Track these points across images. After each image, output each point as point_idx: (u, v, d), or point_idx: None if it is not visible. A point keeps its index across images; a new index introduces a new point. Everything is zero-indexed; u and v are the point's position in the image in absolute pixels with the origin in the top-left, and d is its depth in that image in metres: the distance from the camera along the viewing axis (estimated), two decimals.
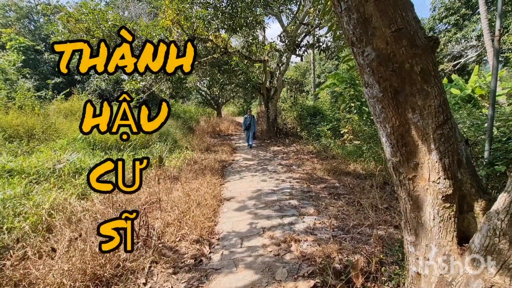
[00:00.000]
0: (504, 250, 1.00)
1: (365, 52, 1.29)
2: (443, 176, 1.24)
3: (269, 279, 2.45)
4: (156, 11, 10.92)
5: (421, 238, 1.38)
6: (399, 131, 1.34)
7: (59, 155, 5.34)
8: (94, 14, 6.39)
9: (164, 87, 13.00)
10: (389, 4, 1.19)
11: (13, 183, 3.93)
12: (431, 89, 1.23)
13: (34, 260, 2.45)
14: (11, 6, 17.29)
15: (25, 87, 9.74)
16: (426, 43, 1.23)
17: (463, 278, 1.13)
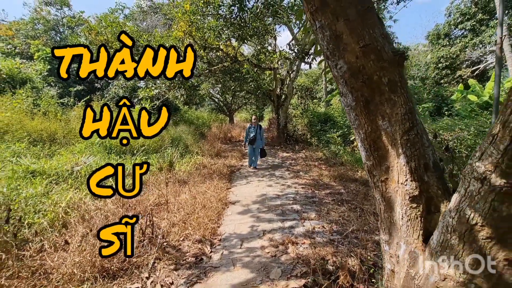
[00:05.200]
0: (455, 245, 1.09)
1: (338, 65, 1.42)
2: (410, 178, 1.34)
3: (263, 278, 2.56)
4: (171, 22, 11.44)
5: (394, 237, 1.47)
6: (371, 136, 1.45)
7: (77, 158, 5.70)
8: (112, 27, 6.85)
9: (178, 94, 13.49)
10: (357, 23, 1.32)
11: (35, 183, 4.27)
12: (397, 99, 1.34)
13: (50, 252, 2.69)
14: (39, 20, 18.62)
15: (49, 94, 10.41)
16: (393, 57, 1.34)
17: (424, 272, 1.22)
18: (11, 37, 17.82)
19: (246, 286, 2.47)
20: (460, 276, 1.06)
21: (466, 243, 1.05)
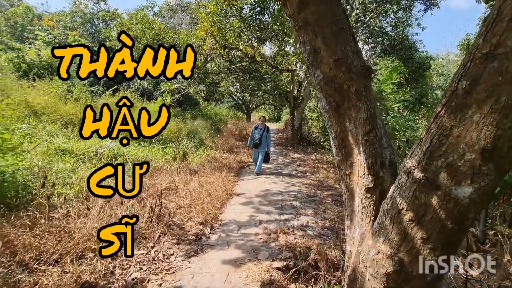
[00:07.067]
0: (388, 226, 1.33)
1: (315, 74, 1.69)
2: (367, 172, 1.58)
3: (252, 258, 2.88)
4: (196, 20, 11.97)
5: (353, 222, 1.72)
6: (340, 136, 1.71)
7: (101, 141, 6.29)
8: (141, 24, 7.42)
9: (199, 90, 14.04)
10: (332, 40, 1.59)
11: (64, 160, 4.84)
12: (361, 105, 1.59)
13: (74, 217, 3.16)
14: (78, 12, 20.00)
15: (81, 82, 11.27)
16: (360, 70, 1.59)
17: (367, 249, 1.47)
18: (52, 28, 19.30)
19: (236, 262, 2.80)
20: (388, 250, 1.31)
21: (395, 224, 1.30)
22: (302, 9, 1.60)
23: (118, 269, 2.57)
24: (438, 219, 1.18)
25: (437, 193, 1.17)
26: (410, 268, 1.27)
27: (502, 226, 3.48)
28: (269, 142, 7.04)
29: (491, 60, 1.03)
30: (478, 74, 1.06)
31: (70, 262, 2.43)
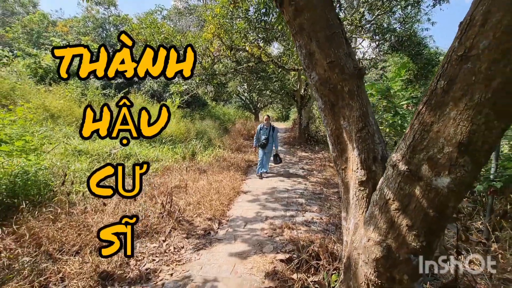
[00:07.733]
0: (377, 215, 1.44)
1: (311, 76, 1.81)
2: (360, 167, 1.69)
3: (257, 251, 3.02)
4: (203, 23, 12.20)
5: (349, 213, 1.83)
6: (335, 133, 1.83)
7: (115, 142, 6.57)
8: (150, 28, 7.66)
9: (207, 90, 14.27)
10: (325, 44, 1.70)
11: (80, 160, 5.12)
12: (354, 104, 1.70)
13: (91, 213, 3.38)
14: (90, 18, 20.67)
15: (94, 86, 11.70)
16: (353, 71, 1.70)
17: (359, 237, 1.58)
18: (65, 33, 20.00)
19: (242, 255, 2.95)
20: (377, 237, 1.42)
21: (383, 213, 1.41)
22: (297, 15, 1.72)
23: (132, 260, 2.76)
24: (421, 208, 1.29)
25: (420, 184, 1.27)
26: (397, 254, 1.38)
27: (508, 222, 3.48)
28: (276, 141, 6.80)
29: (466, 61, 1.13)
30: (455, 74, 1.17)
31: (89, 253, 2.64)
